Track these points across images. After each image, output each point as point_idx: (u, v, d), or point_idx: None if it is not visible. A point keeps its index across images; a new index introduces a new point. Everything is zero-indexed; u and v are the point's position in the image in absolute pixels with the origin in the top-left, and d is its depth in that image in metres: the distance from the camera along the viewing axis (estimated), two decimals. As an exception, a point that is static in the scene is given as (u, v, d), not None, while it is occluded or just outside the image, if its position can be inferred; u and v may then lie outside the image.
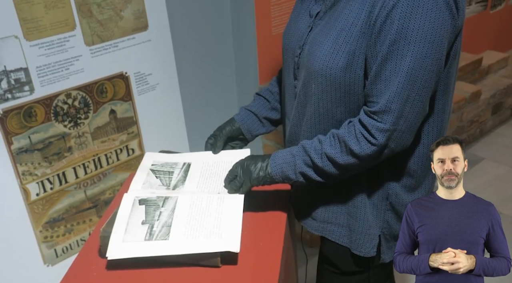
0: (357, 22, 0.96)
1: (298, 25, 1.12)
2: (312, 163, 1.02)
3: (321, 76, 1.01)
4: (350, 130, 0.98)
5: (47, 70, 1.54)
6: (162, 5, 1.76)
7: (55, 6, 1.49)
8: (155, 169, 1.25)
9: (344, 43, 0.97)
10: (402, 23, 0.90)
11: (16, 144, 1.53)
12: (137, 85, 1.79)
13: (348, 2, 0.99)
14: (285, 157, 1.06)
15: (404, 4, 0.89)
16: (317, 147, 1.02)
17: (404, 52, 0.91)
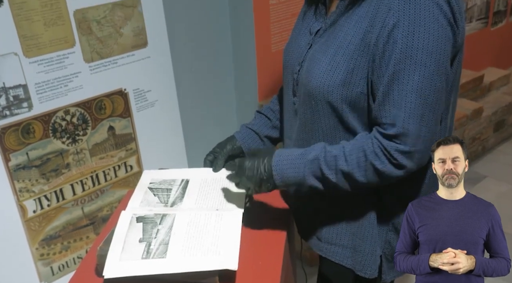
0: (354, 40, 0.98)
1: (299, 42, 1.14)
2: (323, 177, 1.01)
3: (320, 94, 1.02)
4: (370, 149, 0.97)
5: (46, 87, 1.56)
6: (161, 22, 1.79)
7: (54, 24, 1.52)
8: (153, 186, 1.26)
9: (341, 61, 0.99)
10: (405, 42, 0.91)
11: (13, 160, 1.54)
12: (136, 101, 1.81)
13: (346, 20, 1.01)
14: (290, 167, 1.04)
15: (405, 23, 0.91)
16: (330, 162, 1.00)
17: (411, 71, 0.92)
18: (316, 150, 1.02)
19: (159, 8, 1.76)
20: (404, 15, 0.91)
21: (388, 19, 0.92)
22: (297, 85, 1.12)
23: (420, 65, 0.91)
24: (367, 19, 0.96)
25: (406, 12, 0.91)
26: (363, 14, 0.97)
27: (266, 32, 2.07)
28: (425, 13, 0.91)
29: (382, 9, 0.94)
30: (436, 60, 0.92)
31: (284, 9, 2.08)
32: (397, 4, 0.92)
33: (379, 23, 0.94)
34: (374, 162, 0.96)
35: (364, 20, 0.97)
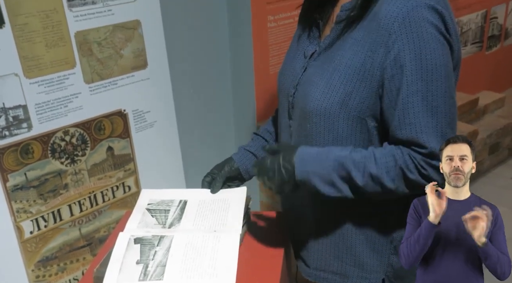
0: (352, 64, 0.98)
1: (293, 65, 1.14)
2: (349, 177, 0.98)
3: (316, 116, 1.02)
4: (400, 156, 0.96)
5: (46, 108, 1.55)
6: (161, 44, 1.80)
7: (56, 45, 1.52)
8: (151, 207, 1.25)
9: (338, 84, 0.99)
10: (414, 65, 0.92)
11: (11, 181, 1.53)
12: (135, 122, 1.80)
13: (341, 44, 1.01)
14: (313, 163, 1.00)
15: (410, 46, 0.92)
16: (359, 163, 0.97)
17: (424, 92, 0.93)
18: (344, 149, 0.99)
19: (159, 31, 1.78)
20: (407, 39, 0.92)
21: (390, 44, 0.93)
22: (292, 108, 1.12)
23: (432, 85, 0.93)
24: (365, 43, 0.97)
25: (409, 36, 0.92)
26: (360, 38, 0.98)
27: (264, 54, 2.08)
28: (426, 35, 0.92)
29: (382, 33, 0.94)
30: (446, 78, 0.94)
31: (282, 32, 2.11)
32: (397, 29, 0.93)
33: (381, 48, 0.95)
34: (405, 170, 0.95)
35: (361, 44, 0.97)
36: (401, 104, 0.95)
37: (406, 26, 0.92)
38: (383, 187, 0.97)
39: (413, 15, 0.92)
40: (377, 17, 0.95)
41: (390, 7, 0.94)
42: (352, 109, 0.99)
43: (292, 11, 2.08)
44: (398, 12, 0.93)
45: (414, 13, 0.92)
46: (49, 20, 1.49)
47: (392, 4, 0.94)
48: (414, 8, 0.92)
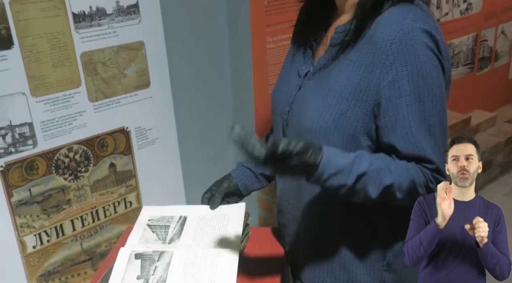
0: (347, 84, 0.99)
1: (288, 84, 1.15)
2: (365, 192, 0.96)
3: (311, 134, 1.02)
4: (416, 172, 0.97)
5: (51, 125, 1.56)
6: (164, 64, 1.82)
7: (62, 65, 1.54)
8: (152, 223, 1.25)
9: (333, 103, 1.00)
10: (412, 86, 0.94)
11: (16, 196, 1.53)
12: (137, 139, 1.81)
13: (336, 65, 1.02)
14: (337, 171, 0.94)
15: (408, 68, 0.93)
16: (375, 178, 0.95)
17: (421, 112, 0.95)
18: (364, 163, 0.95)
19: (162, 51, 1.80)
20: (405, 61, 0.93)
21: (388, 65, 0.94)
22: (286, 126, 1.13)
23: (429, 105, 0.94)
24: (361, 64, 0.98)
25: (406, 58, 0.93)
26: (355, 59, 0.99)
27: (263, 74, 2.10)
28: (422, 57, 0.93)
29: (378, 55, 0.95)
30: (440, 98, 0.96)
31: (280, 52, 2.12)
32: (395, 51, 0.94)
33: (377, 69, 0.96)
34: (416, 184, 0.96)
35: (357, 65, 0.98)
36: (402, 125, 0.95)
37: (403, 48, 0.93)
38: (393, 198, 0.97)
39: (409, 38, 0.93)
40: (373, 40, 0.96)
41: (386, 30, 0.95)
42: (347, 127, 1.00)
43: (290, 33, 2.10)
44: (395, 35, 0.94)
45: (411, 36, 0.93)
46: (56, 41, 1.51)
47: (388, 28, 0.95)
48: (410, 32, 0.93)
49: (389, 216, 1.04)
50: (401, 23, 0.94)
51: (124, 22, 1.66)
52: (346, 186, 0.94)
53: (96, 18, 1.58)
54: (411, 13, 0.96)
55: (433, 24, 0.98)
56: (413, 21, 0.94)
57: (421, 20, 0.95)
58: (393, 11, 0.97)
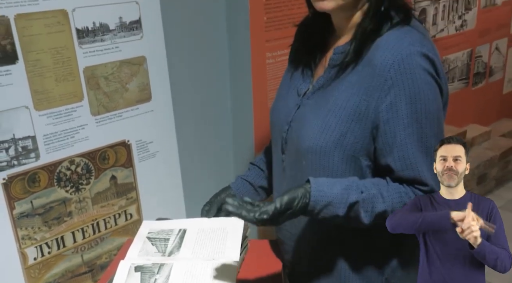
0: (347, 106, 0.99)
1: (287, 102, 1.15)
2: (358, 219, 0.97)
3: (311, 154, 1.03)
4: (408, 196, 0.97)
5: (54, 138, 1.56)
6: (165, 78, 1.83)
7: (65, 79, 1.55)
8: (152, 236, 1.24)
9: (333, 124, 1.00)
10: (409, 109, 0.94)
11: (18, 208, 1.53)
12: (138, 152, 1.81)
13: (336, 85, 1.02)
14: (328, 201, 0.96)
15: (406, 92, 0.94)
16: (368, 205, 0.96)
17: (419, 134, 0.95)
18: (355, 191, 0.96)
19: (163, 66, 1.81)
20: (403, 85, 0.94)
21: (386, 89, 0.95)
22: (285, 143, 1.13)
23: (426, 128, 0.95)
24: (360, 87, 0.98)
25: (404, 82, 0.94)
26: (354, 81, 0.99)
27: (262, 89, 2.11)
28: (420, 81, 0.94)
29: (377, 79, 0.96)
30: (438, 120, 0.96)
31: (279, 67, 2.14)
32: (393, 75, 0.94)
33: (376, 93, 0.96)
34: None
35: (356, 87, 0.99)
36: (399, 147, 0.96)
37: (401, 73, 0.94)
38: (384, 221, 0.96)
39: (407, 62, 0.94)
40: (372, 63, 0.97)
41: (385, 54, 0.95)
42: (347, 148, 1.00)
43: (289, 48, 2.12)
44: (394, 60, 0.94)
45: (409, 61, 0.94)
46: (60, 56, 1.52)
47: (387, 52, 0.95)
48: (408, 56, 0.94)
49: (386, 233, 1.04)
50: (399, 47, 0.95)
51: (126, 38, 1.67)
52: (339, 217, 0.96)
53: (99, 34, 1.60)
54: (409, 36, 0.97)
55: (430, 46, 0.98)
56: (411, 45, 0.95)
57: (419, 44, 0.96)
58: (392, 35, 0.98)
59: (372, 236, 1.06)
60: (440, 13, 2.91)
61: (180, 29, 1.84)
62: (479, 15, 3.20)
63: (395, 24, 0.99)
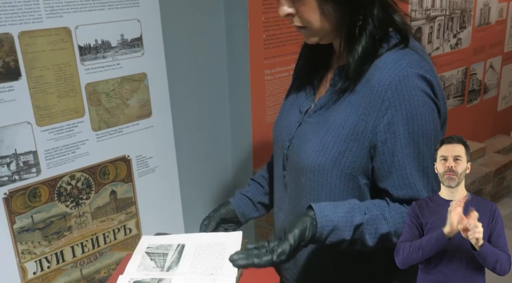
0: (345, 125, 0.99)
1: (289, 119, 1.16)
2: (362, 242, 0.96)
3: (310, 172, 1.03)
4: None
5: (55, 153, 1.57)
6: (165, 95, 1.84)
7: (67, 95, 1.56)
8: (150, 251, 1.24)
9: (332, 142, 1.00)
10: (407, 130, 0.94)
11: (18, 223, 1.52)
12: (138, 167, 1.81)
13: (336, 105, 1.03)
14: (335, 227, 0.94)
15: (404, 113, 0.94)
16: (371, 226, 0.95)
17: (419, 156, 0.95)
18: (359, 213, 0.96)
19: (163, 83, 1.82)
20: (400, 106, 0.94)
21: (384, 110, 0.95)
22: (287, 160, 1.13)
23: (423, 148, 0.95)
24: (359, 107, 0.98)
25: (401, 103, 0.94)
26: (353, 101, 1.00)
27: (261, 105, 2.12)
28: (417, 101, 0.94)
29: (375, 99, 0.96)
30: (435, 140, 0.96)
31: (277, 84, 2.15)
32: (391, 96, 0.94)
33: (374, 113, 0.96)
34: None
35: (355, 107, 0.99)
36: (397, 167, 0.96)
37: (399, 93, 0.94)
38: (390, 243, 0.96)
39: (405, 83, 0.94)
40: (370, 84, 0.97)
41: (383, 75, 0.95)
42: (345, 167, 1.00)
43: (287, 65, 2.14)
44: (391, 81, 0.94)
45: (406, 82, 0.94)
46: (62, 73, 1.53)
47: (385, 73, 0.95)
48: (406, 77, 0.94)
49: (386, 256, 1.04)
50: (397, 68, 0.95)
51: (128, 55, 1.68)
52: (345, 240, 0.94)
53: (101, 51, 1.61)
54: (407, 58, 0.96)
55: (428, 67, 0.98)
56: (409, 66, 0.95)
57: (417, 65, 0.96)
58: (390, 56, 0.97)
59: (372, 259, 1.06)
60: (435, 31, 2.94)
61: (180, 47, 1.86)
62: (473, 33, 3.23)
63: (393, 45, 0.99)
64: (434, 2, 2.83)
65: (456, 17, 3.04)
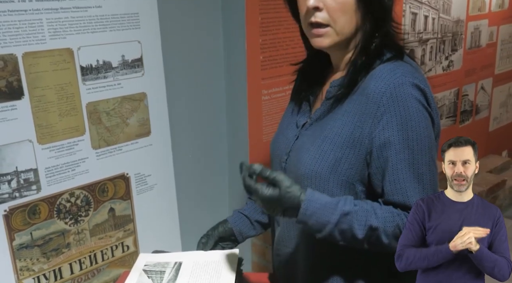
0: (342, 133, 1.01)
1: (286, 134, 1.17)
2: (352, 232, 0.96)
3: (308, 180, 1.04)
4: (399, 218, 0.97)
5: (55, 171, 1.57)
6: (164, 114, 1.85)
7: (68, 114, 1.57)
8: (148, 268, 1.24)
9: (328, 150, 1.02)
10: (401, 136, 0.95)
11: (17, 240, 1.52)
12: (137, 185, 1.82)
13: (332, 116, 1.05)
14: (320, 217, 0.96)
15: (398, 119, 0.95)
16: (361, 217, 0.96)
17: (414, 162, 0.96)
18: (348, 203, 0.97)
19: (163, 102, 1.83)
20: (395, 112, 0.96)
21: (379, 116, 0.97)
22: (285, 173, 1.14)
23: (418, 155, 0.96)
24: (355, 115, 1.00)
25: (396, 109, 0.96)
26: (349, 110, 1.02)
27: (258, 124, 2.13)
28: (412, 109, 0.96)
29: (371, 106, 0.98)
30: (429, 148, 0.97)
31: (274, 104, 2.17)
32: (386, 102, 0.96)
33: (369, 119, 0.98)
34: (401, 229, 0.94)
35: (351, 115, 1.01)
36: (391, 172, 0.97)
37: (393, 100, 0.96)
38: (379, 242, 0.97)
39: (399, 91, 0.96)
40: (366, 92, 0.99)
41: (378, 83, 0.98)
42: (342, 174, 1.01)
43: (284, 86, 2.15)
44: (386, 88, 0.96)
45: (401, 89, 0.96)
46: (64, 92, 1.54)
47: (380, 81, 0.98)
48: (400, 85, 0.96)
49: (385, 262, 1.04)
50: (392, 77, 0.97)
51: (128, 75, 1.70)
52: (330, 223, 0.95)
53: (103, 71, 1.63)
54: (401, 68, 0.99)
55: (422, 78, 1.01)
56: (403, 75, 0.97)
57: (411, 75, 0.98)
58: (385, 67, 1.00)
59: (372, 264, 1.06)
60: (427, 54, 2.97)
61: (179, 67, 1.88)
62: (465, 56, 3.27)
63: (389, 58, 1.02)
64: (426, 26, 2.87)
65: (448, 40, 3.09)
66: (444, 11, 2.95)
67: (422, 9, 2.79)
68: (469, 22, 3.19)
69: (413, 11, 2.74)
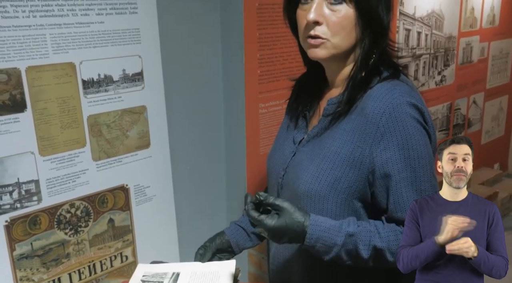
0: (341, 152, 1.01)
1: (283, 150, 1.18)
2: (357, 252, 0.97)
3: (306, 198, 1.04)
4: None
5: (56, 182, 1.57)
6: (164, 127, 1.86)
7: (70, 127, 1.57)
8: (146, 279, 1.23)
9: (328, 169, 1.02)
10: (402, 154, 0.96)
11: (18, 250, 1.51)
12: (136, 196, 1.82)
13: (330, 133, 1.05)
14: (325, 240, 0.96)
15: (398, 139, 0.96)
16: (365, 237, 0.97)
17: (416, 180, 0.97)
18: (352, 224, 0.98)
19: (162, 115, 1.84)
20: (394, 132, 0.97)
21: (379, 136, 0.97)
22: (281, 189, 1.14)
23: (419, 172, 0.97)
24: (354, 134, 1.01)
25: (396, 129, 0.96)
26: (348, 129, 1.02)
27: (255, 137, 2.14)
28: (410, 128, 0.97)
29: (370, 126, 0.98)
30: (429, 164, 0.98)
31: (271, 117, 2.18)
32: (385, 123, 0.97)
33: (369, 140, 0.98)
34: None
35: (350, 134, 1.01)
36: (394, 190, 0.97)
37: (392, 120, 0.96)
38: (385, 261, 0.97)
39: (398, 111, 0.97)
40: (364, 112, 1.00)
41: (377, 104, 0.98)
42: (341, 192, 1.01)
43: (281, 99, 2.17)
44: (385, 109, 0.97)
45: (399, 109, 0.97)
46: (66, 105, 1.55)
47: (379, 101, 0.98)
48: (398, 105, 0.97)
49: (381, 276, 1.04)
50: (390, 97, 0.98)
51: (129, 88, 1.71)
52: (337, 245, 0.95)
53: (104, 85, 1.64)
54: (399, 88, 1.00)
55: (418, 97, 1.02)
56: (401, 95, 0.98)
57: (408, 95, 0.99)
58: (382, 87, 1.01)
59: (367, 279, 1.06)
60: (421, 69, 3.00)
61: (179, 81, 1.89)
62: (457, 71, 3.30)
63: (385, 77, 1.03)
64: (419, 42, 2.90)
65: (440, 55, 3.12)
66: (436, 28, 2.99)
67: (415, 25, 2.82)
68: (461, 38, 3.23)
69: (407, 28, 2.77)
